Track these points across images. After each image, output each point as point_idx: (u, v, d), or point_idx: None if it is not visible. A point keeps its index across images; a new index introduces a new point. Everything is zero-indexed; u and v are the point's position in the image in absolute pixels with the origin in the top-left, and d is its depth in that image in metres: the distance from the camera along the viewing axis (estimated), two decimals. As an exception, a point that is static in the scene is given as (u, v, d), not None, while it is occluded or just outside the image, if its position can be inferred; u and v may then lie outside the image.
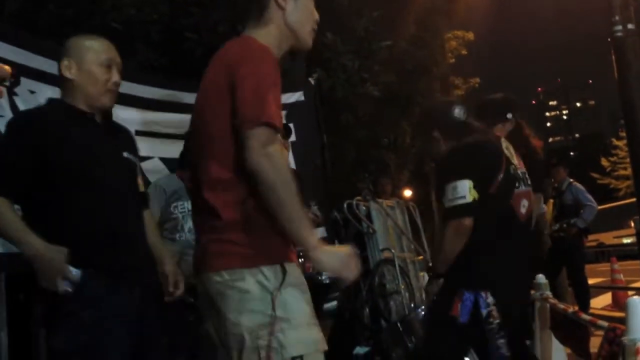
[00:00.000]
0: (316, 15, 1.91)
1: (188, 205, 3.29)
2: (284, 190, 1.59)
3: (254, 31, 1.83)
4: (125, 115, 3.91)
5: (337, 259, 1.66)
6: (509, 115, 3.27)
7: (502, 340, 2.45)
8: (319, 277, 4.15)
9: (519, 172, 2.67)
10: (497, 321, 2.44)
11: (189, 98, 3.82)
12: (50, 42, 3.64)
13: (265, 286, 1.63)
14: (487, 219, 2.49)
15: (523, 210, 2.63)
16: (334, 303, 4.26)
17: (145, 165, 4.12)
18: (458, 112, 2.74)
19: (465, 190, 2.46)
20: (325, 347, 1.68)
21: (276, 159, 1.59)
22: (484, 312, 2.43)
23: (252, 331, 1.61)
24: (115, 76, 2.20)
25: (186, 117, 2.17)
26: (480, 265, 2.49)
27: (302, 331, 1.64)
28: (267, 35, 1.80)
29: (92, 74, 2.15)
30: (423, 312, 4.27)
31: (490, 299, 2.44)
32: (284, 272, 1.66)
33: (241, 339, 1.62)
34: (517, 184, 2.61)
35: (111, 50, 2.22)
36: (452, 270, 2.53)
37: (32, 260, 1.91)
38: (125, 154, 2.22)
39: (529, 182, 2.72)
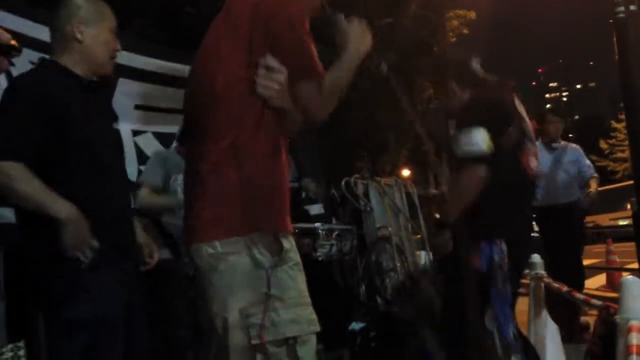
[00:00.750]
0: None
1: None
2: (343, 80, 1.78)
3: None
4: (124, 88, 3.89)
5: (363, 38, 1.93)
6: None
7: (509, 287, 2.46)
8: (315, 254, 4.17)
9: (528, 129, 2.68)
10: (507, 269, 2.44)
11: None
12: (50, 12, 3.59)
13: (259, 262, 1.57)
14: (499, 170, 2.46)
15: (533, 166, 2.65)
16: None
17: (137, 139, 4.10)
18: (475, 65, 2.76)
19: (480, 138, 2.41)
20: (318, 328, 1.63)
21: (327, 97, 1.70)
22: (497, 258, 2.42)
23: (243, 309, 1.55)
24: (118, 44, 2.19)
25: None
26: (495, 215, 2.48)
27: (296, 311, 1.59)
28: None
29: (106, 40, 2.12)
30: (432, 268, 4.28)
31: (504, 247, 2.44)
32: (281, 248, 1.60)
33: (230, 316, 1.56)
34: (525, 141, 2.63)
35: (114, 17, 2.20)
36: (465, 222, 2.50)
37: (64, 223, 1.85)
38: (114, 125, 2.22)
39: (534, 142, 2.75)
